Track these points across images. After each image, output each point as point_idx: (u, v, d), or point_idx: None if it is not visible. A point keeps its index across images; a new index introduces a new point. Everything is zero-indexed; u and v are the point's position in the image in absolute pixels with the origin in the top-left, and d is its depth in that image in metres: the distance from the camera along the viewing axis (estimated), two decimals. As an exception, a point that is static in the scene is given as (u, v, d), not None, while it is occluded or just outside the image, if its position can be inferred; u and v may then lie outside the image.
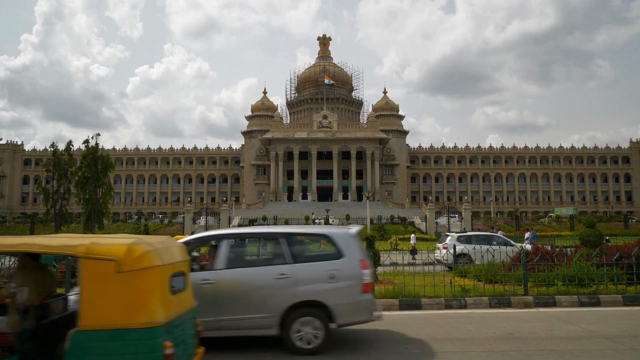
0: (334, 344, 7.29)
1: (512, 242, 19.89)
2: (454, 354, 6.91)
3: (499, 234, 35.65)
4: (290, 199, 79.84)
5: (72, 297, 5.42)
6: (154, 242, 4.58)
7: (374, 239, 14.84)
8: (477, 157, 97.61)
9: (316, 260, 7.51)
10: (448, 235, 21.01)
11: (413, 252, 25.69)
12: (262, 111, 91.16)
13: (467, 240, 19.65)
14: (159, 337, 4.06)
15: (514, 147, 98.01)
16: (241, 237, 8.61)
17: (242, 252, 8.42)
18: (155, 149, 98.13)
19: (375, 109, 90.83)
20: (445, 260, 17.84)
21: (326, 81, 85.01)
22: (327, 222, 49.72)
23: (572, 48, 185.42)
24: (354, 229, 7.56)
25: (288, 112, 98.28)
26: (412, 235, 30.87)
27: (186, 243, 7.11)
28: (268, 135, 79.85)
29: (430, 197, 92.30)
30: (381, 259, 15.28)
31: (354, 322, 7.32)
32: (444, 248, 18.81)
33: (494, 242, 18.95)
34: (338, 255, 7.18)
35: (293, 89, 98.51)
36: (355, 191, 79.30)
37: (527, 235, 32.16)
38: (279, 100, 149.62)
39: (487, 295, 11.01)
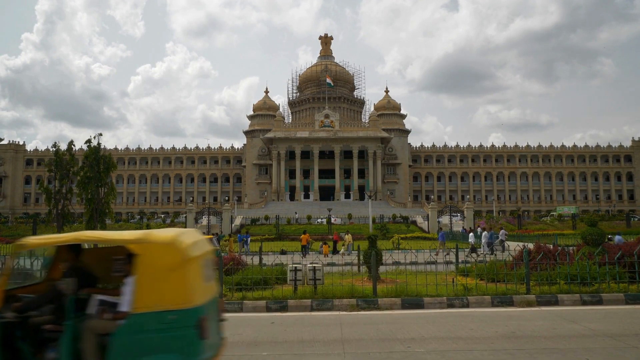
0: (336, 342, 7.28)
1: None
2: (457, 352, 6.91)
3: (501, 233, 35.36)
4: (292, 198, 79.93)
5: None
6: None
7: (376, 238, 14.85)
8: (479, 156, 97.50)
9: None
10: None
11: (473, 250, 24.64)
12: (264, 110, 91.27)
13: None
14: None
15: (516, 145, 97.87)
16: None
17: None
18: (157, 148, 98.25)
19: (377, 108, 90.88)
20: None
21: (327, 81, 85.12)
22: (329, 221, 49.85)
23: (576, 46, 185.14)
24: None
25: (290, 111, 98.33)
26: (471, 234, 29.36)
27: None
28: (270, 135, 79.94)
29: (432, 196, 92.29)
30: (383, 258, 15.28)
31: None
32: None
33: None
34: None
35: (295, 88, 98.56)
36: (357, 190, 79.28)
37: (484, 234, 28.86)
38: (280, 99, 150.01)
39: (489, 294, 11.02)
